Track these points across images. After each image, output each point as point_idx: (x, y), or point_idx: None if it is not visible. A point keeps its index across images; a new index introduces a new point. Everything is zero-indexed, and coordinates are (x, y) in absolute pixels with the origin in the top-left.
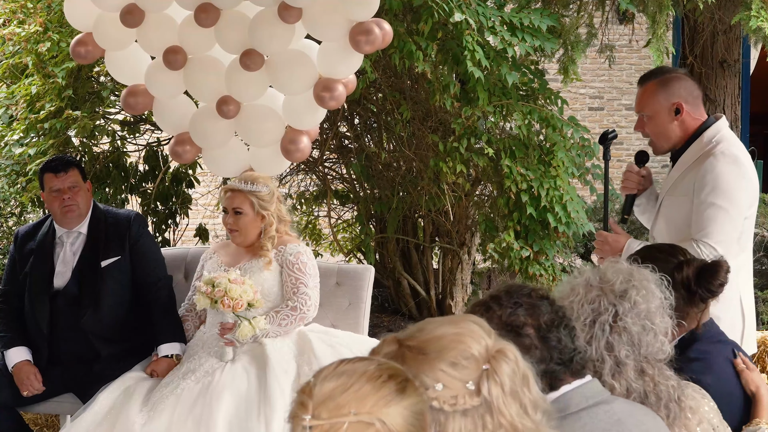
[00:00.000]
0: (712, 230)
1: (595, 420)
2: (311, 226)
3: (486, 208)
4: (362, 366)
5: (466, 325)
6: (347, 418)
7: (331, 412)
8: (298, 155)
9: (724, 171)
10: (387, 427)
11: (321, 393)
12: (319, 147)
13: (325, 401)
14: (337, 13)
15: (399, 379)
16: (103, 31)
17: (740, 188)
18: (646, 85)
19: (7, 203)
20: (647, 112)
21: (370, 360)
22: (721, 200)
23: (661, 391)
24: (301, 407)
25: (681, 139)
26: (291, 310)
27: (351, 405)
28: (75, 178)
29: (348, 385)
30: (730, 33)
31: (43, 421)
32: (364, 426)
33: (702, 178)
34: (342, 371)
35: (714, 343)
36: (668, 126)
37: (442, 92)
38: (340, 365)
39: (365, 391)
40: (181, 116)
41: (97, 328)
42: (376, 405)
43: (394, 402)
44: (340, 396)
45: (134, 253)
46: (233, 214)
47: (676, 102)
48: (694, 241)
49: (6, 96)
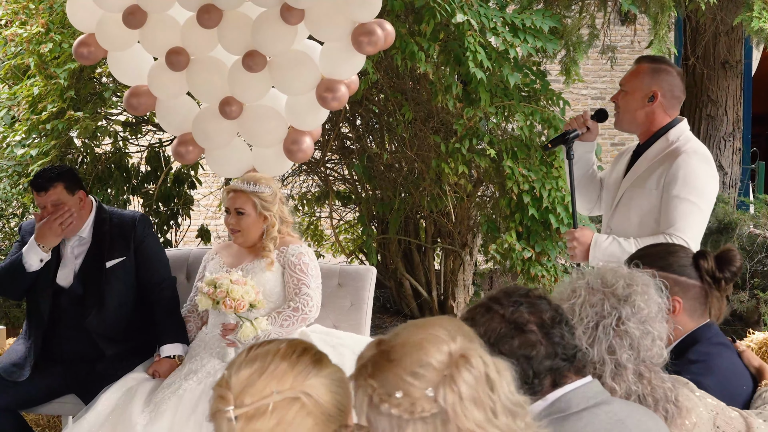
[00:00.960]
0: (683, 225)
1: (597, 420)
2: (313, 227)
3: (488, 209)
4: (273, 347)
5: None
6: (271, 398)
7: (254, 397)
8: (300, 156)
9: (696, 168)
10: (312, 398)
11: (238, 382)
12: (321, 148)
13: (245, 388)
14: (340, 14)
15: (312, 352)
16: (105, 32)
17: (711, 186)
18: (640, 64)
19: (9, 204)
20: (627, 88)
21: (278, 340)
22: (694, 196)
23: (658, 393)
24: (221, 401)
25: (645, 129)
26: (293, 310)
27: (271, 385)
28: (57, 195)
29: (264, 367)
30: (732, 34)
31: (45, 422)
32: (289, 402)
33: (673, 174)
34: (254, 356)
35: (714, 344)
36: (638, 109)
37: (444, 93)
38: (251, 352)
39: (283, 369)
40: (183, 117)
41: (101, 328)
42: (296, 380)
43: (313, 374)
44: (258, 379)
45: (139, 253)
46: (235, 214)
47: (654, 90)
48: (666, 235)
49: (8, 97)
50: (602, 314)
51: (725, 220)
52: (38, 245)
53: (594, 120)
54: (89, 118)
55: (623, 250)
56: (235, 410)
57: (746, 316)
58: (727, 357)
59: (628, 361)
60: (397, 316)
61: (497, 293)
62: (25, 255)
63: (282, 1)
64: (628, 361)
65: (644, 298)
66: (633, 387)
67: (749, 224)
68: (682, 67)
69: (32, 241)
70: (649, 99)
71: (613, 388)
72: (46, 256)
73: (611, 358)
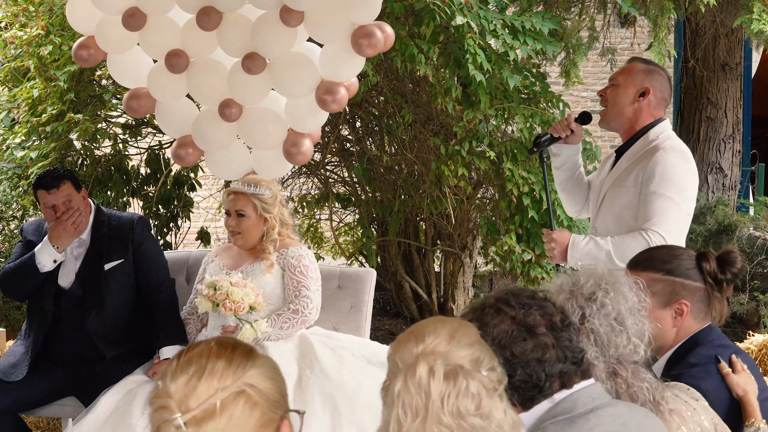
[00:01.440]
0: (660, 220)
1: (603, 423)
2: (313, 229)
3: (488, 211)
4: (203, 348)
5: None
6: (217, 396)
7: (199, 399)
8: (300, 158)
9: (674, 164)
10: (256, 388)
11: (178, 388)
12: (321, 150)
13: (188, 393)
14: (339, 16)
15: (242, 345)
16: (105, 34)
17: (688, 182)
18: (633, 62)
19: (9, 206)
20: (619, 82)
21: (206, 341)
22: (671, 192)
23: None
24: (165, 411)
25: (628, 128)
26: (293, 313)
27: (213, 384)
28: (67, 191)
29: (201, 368)
30: (732, 36)
31: (45, 425)
32: (235, 396)
33: (651, 170)
34: (187, 361)
35: (715, 347)
36: (627, 104)
37: (443, 95)
38: (182, 358)
39: (220, 367)
40: (183, 119)
41: (101, 330)
42: (236, 374)
43: (250, 365)
44: (199, 381)
45: (137, 256)
46: (236, 216)
47: (647, 86)
48: (642, 230)
49: (8, 99)
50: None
51: (725, 223)
52: (52, 246)
53: (578, 123)
54: (89, 120)
55: (600, 249)
56: (183, 416)
57: (746, 318)
58: (727, 360)
59: (596, 359)
60: (396, 319)
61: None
62: (38, 255)
63: (282, 3)
64: (596, 359)
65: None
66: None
67: (749, 226)
68: (682, 69)
69: (45, 242)
70: (640, 94)
71: None
72: (60, 257)
73: None
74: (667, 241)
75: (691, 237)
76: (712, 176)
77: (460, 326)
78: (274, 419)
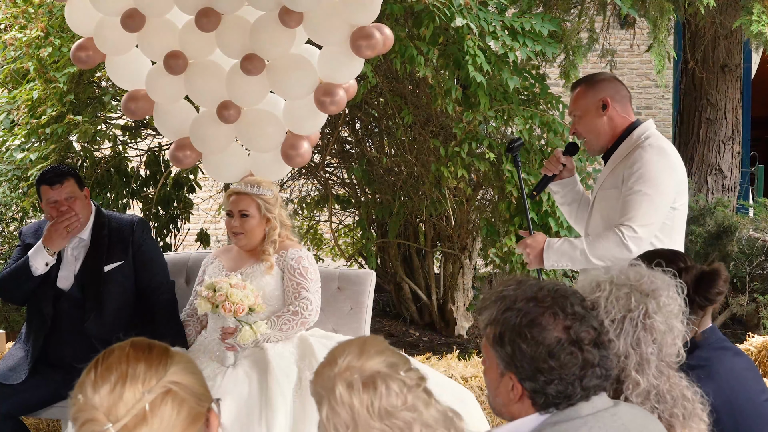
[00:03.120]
0: (634, 215)
1: (601, 424)
2: (312, 231)
3: (487, 213)
4: (119, 354)
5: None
6: (144, 400)
7: (127, 405)
8: (298, 160)
9: (650, 160)
10: (181, 384)
11: (104, 398)
12: (321, 152)
13: (114, 402)
14: (338, 17)
15: (157, 344)
16: (103, 35)
17: (666, 177)
18: (576, 89)
19: (9, 208)
20: (578, 113)
21: (119, 347)
22: (646, 187)
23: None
24: (94, 423)
25: (610, 137)
26: (292, 314)
27: (139, 387)
28: (71, 188)
29: (123, 375)
30: (732, 37)
31: (45, 426)
32: (162, 397)
33: (629, 168)
34: (106, 369)
35: (716, 349)
36: (597, 122)
37: (443, 97)
38: (99, 367)
39: (141, 369)
40: (181, 121)
41: (100, 332)
42: (158, 374)
43: (170, 362)
44: (123, 388)
45: (137, 257)
46: (239, 217)
47: (602, 97)
48: (615, 227)
49: (7, 101)
50: (629, 307)
51: (724, 224)
52: (45, 248)
53: (567, 155)
54: (89, 122)
55: (575, 248)
56: (114, 426)
57: (746, 319)
58: (727, 362)
59: (651, 354)
60: (396, 320)
61: (561, 296)
62: (31, 258)
63: (281, 5)
64: (651, 355)
65: (669, 294)
66: (654, 381)
67: (749, 228)
68: (682, 70)
69: (39, 245)
70: (602, 107)
71: (637, 381)
72: (52, 260)
73: (636, 351)
74: (641, 235)
75: (690, 238)
76: (711, 178)
77: (366, 340)
78: (202, 412)
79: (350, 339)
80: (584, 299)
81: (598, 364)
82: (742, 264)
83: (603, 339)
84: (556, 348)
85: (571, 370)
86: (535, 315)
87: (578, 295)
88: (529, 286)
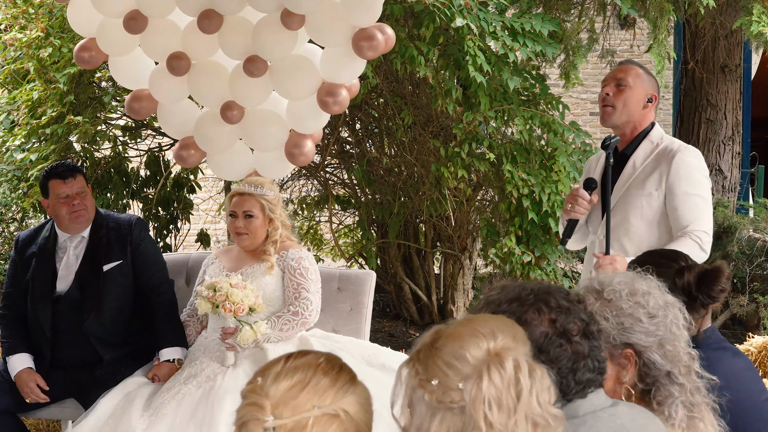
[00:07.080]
0: (701, 221)
1: (600, 423)
2: (312, 231)
3: (487, 213)
4: (312, 360)
5: (479, 325)
6: (311, 412)
7: (295, 410)
8: (302, 159)
9: (694, 164)
10: (350, 416)
11: (278, 392)
12: (321, 152)
13: (286, 400)
14: (340, 19)
15: (348, 369)
16: (106, 36)
17: (707, 179)
18: (636, 67)
19: (9, 208)
20: (629, 83)
21: (316, 353)
22: (700, 190)
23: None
24: (257, 409)
25: (630, 130)
26: (292, 314)
27: (313, 400)
28: (82, 183)
29: (306, 380)
30: (732, 38)
31: (45, 426)
32: (329, 419)
33: (675, 173)
34: (293, 368)
35: (715, 350)
36: (637, 105)
37: (443, 97)
38: (288, 362)
39: (324, 385)
40: (185, 121)
41: (99, 332)
42: (336, 396)
43: (350, 391)
44: (301, 393)
45: (136, 257)
46: (244, 217)
47: (653, 92)
48: (689, 234)
49: (8, 101)
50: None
51: (725, 224)
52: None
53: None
54: (89, 122)
55: None
56: (274, 421)
57: (746, 320)
58: (726, 362)
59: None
60: (396, 321)
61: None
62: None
63: (282, 6)
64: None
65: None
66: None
67: (749, 228)
68: (682, 71)
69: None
70: (648, 100)
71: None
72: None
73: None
74: (710, 238)
75: None
76: (711, 178)
77: (513, 324)
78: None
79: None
80: (569, 293)
81: (589, 355)
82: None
83: (592, 329)
84: (544, 342)
85: (563, 364)
86: (519, 314)
87: (563, 291)
88: (512, 288)
